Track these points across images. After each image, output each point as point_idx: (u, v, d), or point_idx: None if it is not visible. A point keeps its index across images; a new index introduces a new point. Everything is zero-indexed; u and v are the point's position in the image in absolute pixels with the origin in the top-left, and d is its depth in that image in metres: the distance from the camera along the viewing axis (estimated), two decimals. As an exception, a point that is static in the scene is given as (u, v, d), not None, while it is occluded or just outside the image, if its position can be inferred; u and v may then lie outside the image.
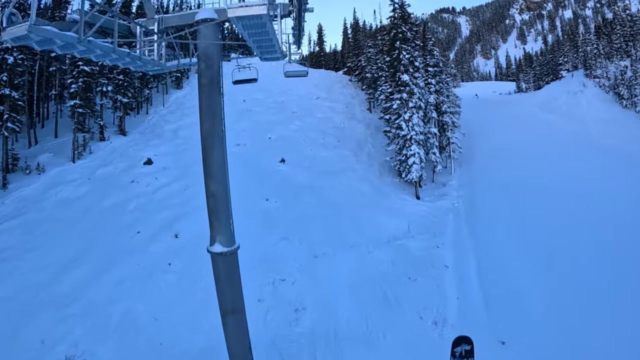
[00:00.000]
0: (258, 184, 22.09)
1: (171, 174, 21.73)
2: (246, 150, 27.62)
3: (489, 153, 32.66)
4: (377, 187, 25.35)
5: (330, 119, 34.25)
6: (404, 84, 23.27)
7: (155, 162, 22.85)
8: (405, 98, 23.28)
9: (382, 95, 31.40)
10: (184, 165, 22.83)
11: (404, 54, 23.48)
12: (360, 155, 29.02)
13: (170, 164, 22.91)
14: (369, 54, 37.96)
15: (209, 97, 7.07)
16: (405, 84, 23.29)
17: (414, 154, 23.92)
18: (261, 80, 39.92)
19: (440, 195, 25.94)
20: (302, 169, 25.82)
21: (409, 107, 23.58)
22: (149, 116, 32.73)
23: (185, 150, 25.64)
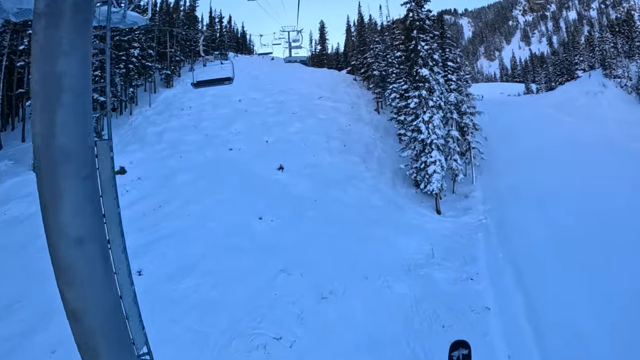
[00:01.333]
0: (251, 198, 18.69)
1: (145, 187, 18.33)
2: (240, 155, 24.22)
3: (511, 159, 29.22)
4: (391, 199, 21.92)
5: (334, 121, 30.88)
6: (423, 80, 19.94)
7: (129, 172, 19.46)
8: (424, 96, 19.93)
9: (393, 93, 28.03)
10: (163, 176, 19.46)
11: (422, 44, 20.18)
12: (369, 162, 25.61)
13: (147, 174, 19.51)
14: (376, 50, 34.64)
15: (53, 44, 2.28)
16: (424, 80, 19.97)
17: (435, 162, 20.52)
18: (259, 79, 36.42)
19: (464, 209, 22.48)
20: (303, 178, 22.42)
21: (428, 106, 20.22)
22: (132, 117, 29.35)
23: (168, 157, 22.26)
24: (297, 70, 47.23)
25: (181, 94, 33.92)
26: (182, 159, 22.01)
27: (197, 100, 32.78)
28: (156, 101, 32.09)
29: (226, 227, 15.29)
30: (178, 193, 17.83)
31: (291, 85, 39.56)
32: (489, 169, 27.57)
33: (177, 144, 24.39)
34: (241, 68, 45.33)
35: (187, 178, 19.53)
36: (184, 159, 22.03)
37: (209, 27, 56.12)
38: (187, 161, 21.80)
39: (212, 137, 26.40)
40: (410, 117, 21.82)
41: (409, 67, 22.18)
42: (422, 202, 22.51)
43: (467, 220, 21.21)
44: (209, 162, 22.13)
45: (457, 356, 3.95)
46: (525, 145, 32.14)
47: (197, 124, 28.24)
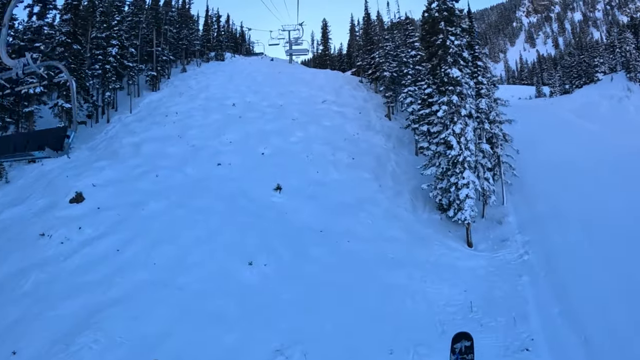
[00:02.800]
0: (240, 232, 14.85)
1: (104, 221, 14.43)
2: (230, 172, 20.38)
3: (541, 173, 25.39)
4: (413, 229, 18.09)
5: (340, 128, 27.06)
6: (454, 82, 16.15)
7: (88, 199, 15.57)
8: (456, 102, 16.12)
9: (408, 97, 24.26)
10: (130, 204, 15.59)
11: (451, 39, 16.42)
12: (383, 178, 21.77)
13: (111, 201, 15.63)
14: (387, 49, 30.88)
15: None
16: (455, 82, 16.18)
17: (468, 184, 16.70)
18: (257, 80, 31.32)
19: (499, 240, 18.62)
20: (305, 201, 18.59)
21: (460, 115, 16.41)
22: (109, 125, 25.53)
23: (141, 176, 18.41)
24: (298, 72, 43.48)
25: (168, 97, 30.11)
26: (157, 179, 18.17)
27: (186, 104, 28.99)
28: (138, 106, 28.26)
29: (204, 283, 11.47)
30: (145, 229, 13.98)
31: (291, 87, 35.78)
32: (519, 186, 23.71)
33: (156, 158, 20.55)
34: (239, 70, 41.73)
35: (160, 207, 15.68)
36: (160, 179, 18.18)
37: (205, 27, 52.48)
38: (164, 182, 17.96)
39: (199, 149, 22.57)
40: (435, 127, 17.98)
41: (432, 67, 18.36)
42: (449, 232, 18.66)
43: (505, 256, 17.39)
44: (191, 183, 18.29)
45: (460, 348, 3.85)
46: (554, 157, 28.33)
47: (182, 133, 24.41)
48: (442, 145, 18.39)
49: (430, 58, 18.72)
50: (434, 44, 17.22)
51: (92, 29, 27.73)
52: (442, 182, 18.78)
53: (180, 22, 43.15)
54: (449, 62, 16.38)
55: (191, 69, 41.65)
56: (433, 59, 18.46)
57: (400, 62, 31.34)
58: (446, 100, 16.38)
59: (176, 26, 41.69)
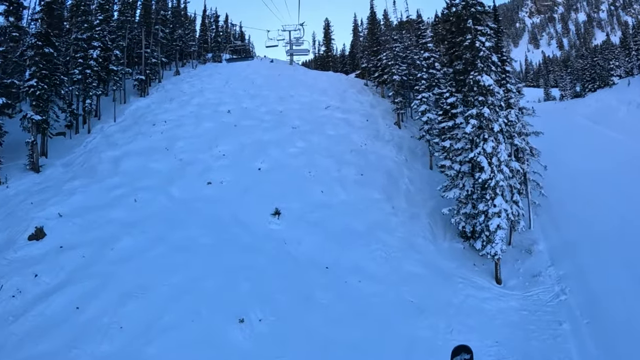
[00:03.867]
0: (231, 274, 12.23)
1: (66, 265, 11.82)
2: (221, 192, 17.78)
3: (566, 188, 22.75)
4: (433, 262, 15.47)
5: (346, 138, 24.45)
6: (486, 92, 13.55)
7: (50, 234, 12.95)
8: (487, 116, 13.49)
9: (423, 105, 21.67)
10: (98, 240, 12.98)
11: (481, 40, 13.83)
12: (396, 198, 19.15)
13: (76, 238, 13.01)
14: (396, 50, 28.29)
15: None
16: (487, 92, 13.57)
17: (499, 213, 14.07)
18: (256, 83, 27.51)
19: (531, 274, 16.01)
20: (308, 229, 15.98)
21: (493, 131, 13.80)
22: (89, 136, 22.91)
23: (117, 200, 15.80)
24: (299, 74, 40.90)
25: (157, 104, 27.52)
26: (135, 205, 15.55)
27: (176, 111, 26.40)
28: (123, 114, 25.65)
29: (182, 352, 8.89)
30: (113, 277, 11.38)
31: (292, 91, 33.21)
32: (546, 205, 21.08)
33: (137, 177, 17.96)
34: (237, 72, 39.15)
35: (134, 244, 13.07)
36: (138, 205, 15.57)
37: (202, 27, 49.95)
38: (143, 208, 15.34)
39: (187, 164, 19.97)
40: (459, 143, 15.37)
41: (455, 72, 15.75)
42: (474, 265, 16.02)
43: (539, 296, 14.81)
44: (175, 208, 15.69)
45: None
46: (577, 168, 25.70)
47: (170, 145, 21.81)
48: (466, 164, 15.79)
49: (451, 61, 16.11)
50: (460, 45, 14.62)
51: (73, 30, 25.17)
52: (465, 206, 16.18)
53: (174, 22, 40.62)
54: (479, 67, 13.76)
55: (185, 71, 39.09)
56: (455, 62, 15.85)
57: (410, 64, 28.78)
58: (475, 113, 13.75)
59: (169, 26, 39.15)
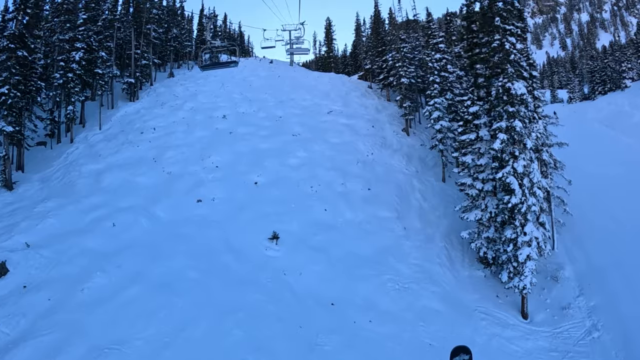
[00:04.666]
0: (220, 321, 10.32)
1: (29, 311, 9.97)
2: (213, 212, 15.86)
3: (586, 201, 20.65)
4: (452, 295, 13.55)
5: (351, 147, 22.54)
6: (518, 101, 11.59)
7: (14, 269, 11.09)
8: (520, 131, 11.53)
9: (436, 112, 19.76)
10: (68, 277, 11.16)
11: (511, 41, 11.89)
12: (407, 217, 17.22)
13: (43, 274, 11.17)
14: (404, 51, 26.34)
15: None
16: (520, 102, 11.62)
17: (530, 241, 12.18)
18: (254, 86, 24.75)
19: (559, 306, 14.14)
20: (310, 255, 14.07)
21: (525, 147, 11.87)
22: (72, 146, 21.01)
23: (94, 225, 13.91)
24: (300, 75, 38.97)
25: (147, 109, 25.60)
26: (114, 231, 13.66)
27: (167, 117, 24.49)
28: (110, 120, 23.73)
29: None
30: (79, 328, 9.52)
31: (292, 94, 31.28)
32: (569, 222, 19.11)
33: (119, 195, 16.07)
34: (234, 74, 37.20)
35: (108, 282, 11.20)
36: (117, 230, 13.67)
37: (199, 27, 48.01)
38: (122, 234, 13.45)
39: (176, 178, 18.06)
40: (482, 158, 13.45)
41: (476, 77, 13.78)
42: (497, 297, 14.09)
43: (569, 333, 13.01)
44: (159, 234, 13.79)
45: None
46: (597, 178, 23.65)
47: (158, 155, 19.91)
48: (489, 182, 13.86)
49: (472, 64, 14.16)
50: (485, 46, 12.68)
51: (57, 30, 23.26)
52: (487, 230, 14.26)
53: (169, 21, 38.68)
54: (510, 73, 11.82)
55: (180, 73, 37.17)
56: (477, 66, 13.91)
57: (419, 66, 26.86)
58: (505, 127, 11.81)
59: (163, 25, 37.24)
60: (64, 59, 21.79)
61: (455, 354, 3.93)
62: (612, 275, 15.40)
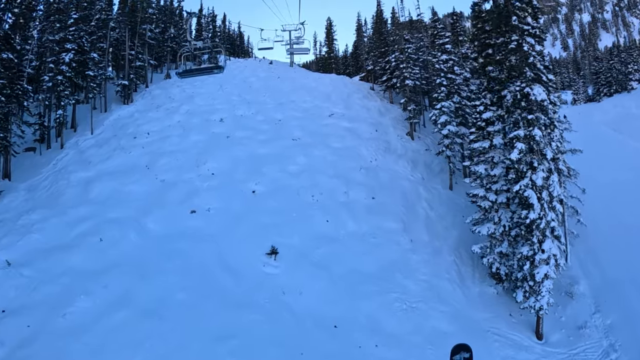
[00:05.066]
0: (211, 351, 9.41)
1: (7, 340, 9.15)
2: (208, 224, 14.94)
3: (599, 211, 19.61)
4: (463, 314, 12.64)
5: (353, 152, 21.60)
6: (537, 108, 10.65)
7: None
8: (540, 140, 10.62)
9: (443, 116, 18.84)
10: (49, 300, 10.24)
11: (530, 42, 10.97)
12: (414, 229, 16.29)
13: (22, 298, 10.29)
14: (408, 52, 25.40)
15: None
16: (539, 108, 10.69)
17: (548, 259, 11.28)
18: (253, 87, 23.64)
19: (575, 325, 13.30)
20: (311, 272, 13.16)
21: (545, 157, 10.96)
22: (62, 152, 20.10)
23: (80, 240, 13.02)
24: (300, 76, 37.98)
25: (141, 112, 24.66)
26: (101, 246, 12.76)
27: (161, 121, 23.54)
28: (103, 124, 22.80)
29: None
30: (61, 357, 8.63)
31: (293, 96, 30.32)
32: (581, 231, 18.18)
33: (108, 205, 15.15)
34: (232, 75, 36.25)
35: (92, 306, 10.31)
36: (104, 246, 12.76)
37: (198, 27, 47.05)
38: (109, 250, 12.54)
39: (170, 186, 17.14)
40: (496, 168, 12.53)
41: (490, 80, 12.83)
42: (510, 316, 13.18)
43: (586, 354, 12.31)
44: (149, 249, 12.88)
45: (459, 359, 3.71)
46: (609, 185, 22.65)
47: (151, 162, 18.98)
48: (502, 194, 12.93)
49: (484, 67, 13.22)
50: (500, 47, 11.74)
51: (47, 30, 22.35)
52: (501, 244, 13.34)
53: (165, 21, 37.73)
54: (529, 77, 10.90)
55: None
56: (490, 68, 12.96)
57: (423, 67, 25.94)
58: (523, 135, 10.88)
59: (160, 25, 36.28)
60: (53, 60, 20.87)
61: (455, 352, 3.79)
62: (629, 290, 14.60)
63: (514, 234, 13.09)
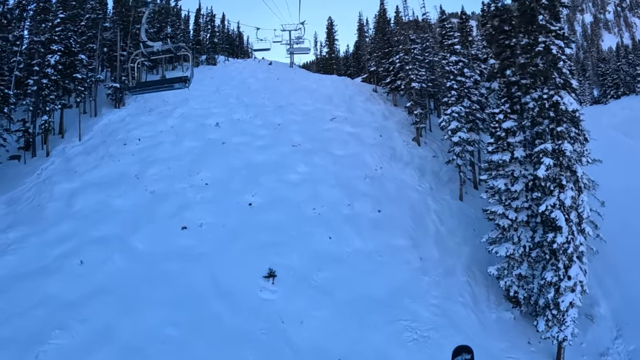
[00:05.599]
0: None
1: None
2: (200, 242, 13.74)
3: (615, 222, 18.47)
4: (479, 343, 11.37)
5: (357, 159, 20.38)
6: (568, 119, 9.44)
7: None
8: (570, 154, 9.39)
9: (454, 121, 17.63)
10: (23, 336, 9.08)
11: (558, 44, 9.78)
12: (424, 245, 15.07)
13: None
14: (414, 52, 24.16)
15: None
16: (570, 119, 9.50)
17: (574, 286, 10.12)
18: (251, 89, 22.26)
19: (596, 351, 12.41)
20: (313, 297, 11.97)
21: (575, 174, 9.77)
22: (47, 160, 18.89)
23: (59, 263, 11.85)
24: (300, 77, 36.73)
25: (132, 117, 23.43)
26: (81, 270, 11.57)
27: (154, 126, 22.32)
28: (92, 130, 21.57)
29: None
30: None
31: (292, 98, 29.09)
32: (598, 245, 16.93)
33: (93, 221, 13.95)
34: (231, 76, 35.02)
35: (68, 344, 9.14)
36: (85, 269, 11.59)
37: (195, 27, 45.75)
38: (90, 275, 11.36)
39: (160, 199, 15.94)
40: (517, 184, 11.32)
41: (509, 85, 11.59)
42: (529, 344, 12.01)
43: None
44: (133, 274, 11.66)
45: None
46: (624, 195, 21.41)
47: (141, 171, 17.78)
48: (523, 212, 11.74)
49: (503, 70, 12.00)
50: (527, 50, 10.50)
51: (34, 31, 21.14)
52: (520, 266, 12.15)
53: (161, 20, 36.46)
54: (558, 83, 9.70)
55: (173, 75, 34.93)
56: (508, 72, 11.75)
57: (429, 69, 24.72)
58: (551, 149, 9.67)
59: (155, 25, 35.00)
60: (38, 62, 19.65)
61: (457, 353, 3.71)
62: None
63: (535, 255, 11.90)
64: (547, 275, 10.57)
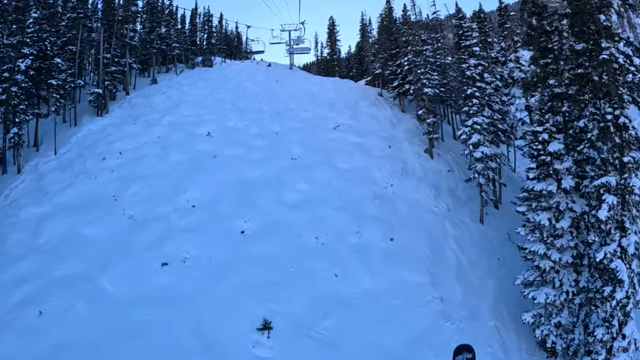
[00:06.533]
0: None
1: None
2: (183, 282, 11.66)
3: None
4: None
5: (364, 175, 18.25)
6: (635, 146, 7.46)
7: None
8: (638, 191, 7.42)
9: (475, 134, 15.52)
10: None
11: (625, 52, 7.81)
12: (443, 281, 12.96)
13: None
14: (426, 54, 22.00)
15: None
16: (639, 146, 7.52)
17: (629, 345, 8.10)
18: (248, 92, 20.17)
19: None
20: (316, 354, 9.88)
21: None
22: (18, 178, 16.80)
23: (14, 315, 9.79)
24: (301, 80, 34.62)
25: (116, 126, 21.31)
26: (40, 321, 9.50)
27: (138, 137, 20.20)
28: (70, 142, 19.47)
29: None
30: None
31: (291, 103, 27.01)
32: None
33: (59, 256, 11.88)
34: (227, 79, 32.93)
35: None
36: (44, 321, 9.54)
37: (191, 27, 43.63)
38: (49, 330, 9.28)
39: (139, 225, 13.85)
40: (563, 220, 9.25)
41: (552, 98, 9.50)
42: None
43: None
44: (101, 325, 9.57)
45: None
46: None
47: (120, 191, 15.68)
48: (567, 252, 9.66)
49: (545, 78, 9.91)
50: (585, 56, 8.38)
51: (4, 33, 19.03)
52: (560, 312, 10.09)
53: (152, 20, 34.35)
54: (626, 100, 7.64)
55: (166, 78, 32.78)
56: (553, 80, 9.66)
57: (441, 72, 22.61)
58: (615, 185, 7.60)
59: (146, 25, 32.93)
60: (8, 68, 17.57)
61: (458, 352, 3.61)
62: None
63: (578, 302, 9.86)
64: (598, 333, 8.54)
